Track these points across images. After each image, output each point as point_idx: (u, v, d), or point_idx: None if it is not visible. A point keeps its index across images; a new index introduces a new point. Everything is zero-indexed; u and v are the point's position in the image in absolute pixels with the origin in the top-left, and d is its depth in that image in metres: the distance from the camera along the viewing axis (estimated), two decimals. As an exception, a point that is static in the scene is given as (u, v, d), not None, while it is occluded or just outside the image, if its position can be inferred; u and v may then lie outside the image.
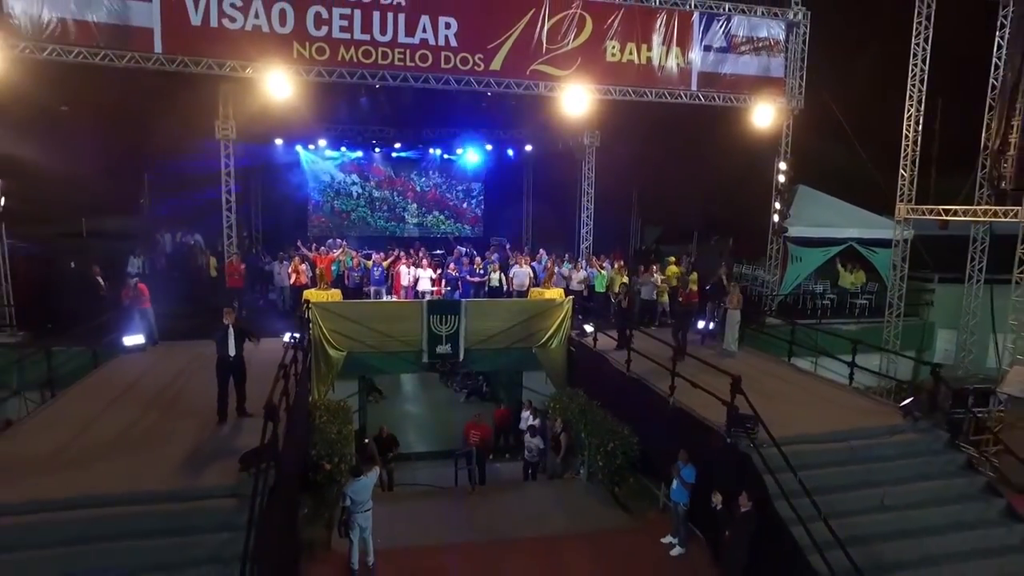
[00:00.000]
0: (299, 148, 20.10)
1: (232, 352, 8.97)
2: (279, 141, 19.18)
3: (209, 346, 12.96)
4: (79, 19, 12.57)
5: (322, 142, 19.84)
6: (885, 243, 17.77)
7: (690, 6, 15.71)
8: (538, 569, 9.23)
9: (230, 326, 8.94)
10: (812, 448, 9.03)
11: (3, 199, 13.01)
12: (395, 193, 22.62)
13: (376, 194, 22.48)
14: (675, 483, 9.51)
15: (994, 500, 8.80)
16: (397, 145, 20.89)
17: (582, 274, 16.97)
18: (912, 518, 8.36)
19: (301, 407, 10.92)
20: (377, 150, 21.21)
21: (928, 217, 15.37)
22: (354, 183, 22.02)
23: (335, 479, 10.20)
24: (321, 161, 21.00)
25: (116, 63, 12.96)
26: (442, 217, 23.23)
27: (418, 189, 22.87)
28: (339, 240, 18.75)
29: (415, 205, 22.76)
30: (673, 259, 17.49)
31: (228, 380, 9.05)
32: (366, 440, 11.53)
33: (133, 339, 12.92)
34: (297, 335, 12.55)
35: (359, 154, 21.24)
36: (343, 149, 20.60)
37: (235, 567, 6.29)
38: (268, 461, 7.17)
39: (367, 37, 13.91)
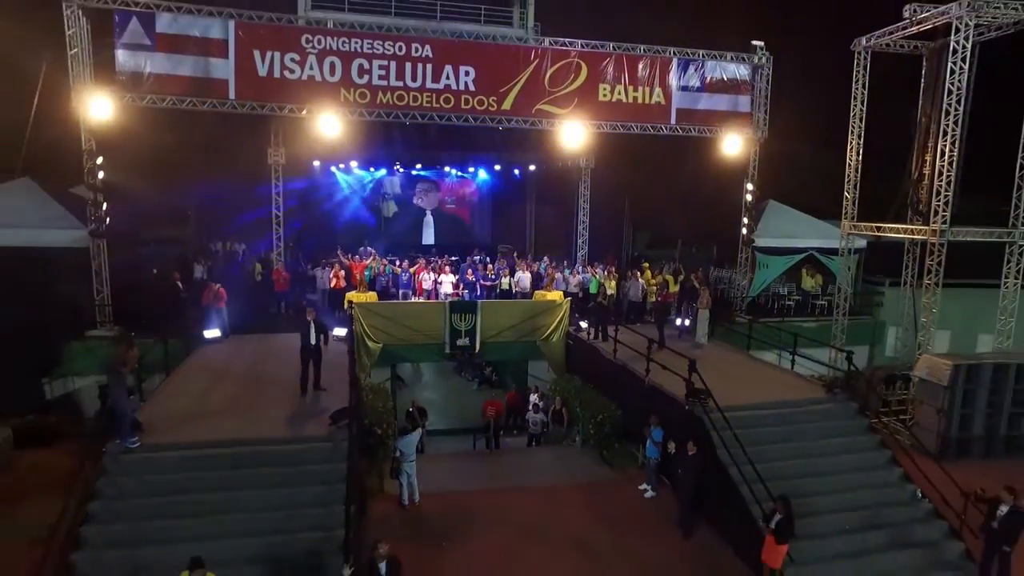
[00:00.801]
0: (334, 169, 23.06)
1: (312, 341, 11.89)
2: (317, 163, 22.11)
3: (267, 338, 16.08)
4: (171, 74, 15.52)
5: (354, 164, 22.78)
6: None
7: (669, 53, 18.64)
8: (541, 507, 12.09)
9: (312, 321, 11.86)
10: (750, 413, 11.92)
11: (108, 219, 15.91)
12: (414, 206, 25.59)
13: (397, 208, 25.47)
14: (648, 442, 12.43)
15: (884, 451, 11.74)
16: (418, 166, 23.85)
17: (578, 278, 19.87)
18: (819, 463, 11.30)
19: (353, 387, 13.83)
20: (400, 170, 24.17)
21: (864, 233, 18.25)
22: (380, 198, 25.03)
23: (384, 441, 13.11)
24: (352, 180, 23.97)
25: (198, 107, 15.91)
26: (455, 227, 26.21)
27: (435, 203, 25.86)
28: (369, 249, 21.65)
29: (432, 217, 25.74)
30: (647, 264, 20.45)
31: (309, 362, 11.99)
32: (409, 409, 14.39)
33: (212, 333, 15.88)
34: (344, 330, 15.56)
35: (383, 172, 24.18)
36: (371, 169, 23.52)
37: (338, 486, 9.30)
38: (352, 416, 10.11)
39: (401, 83, 16.85)
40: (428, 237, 25.71)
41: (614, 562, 10.30)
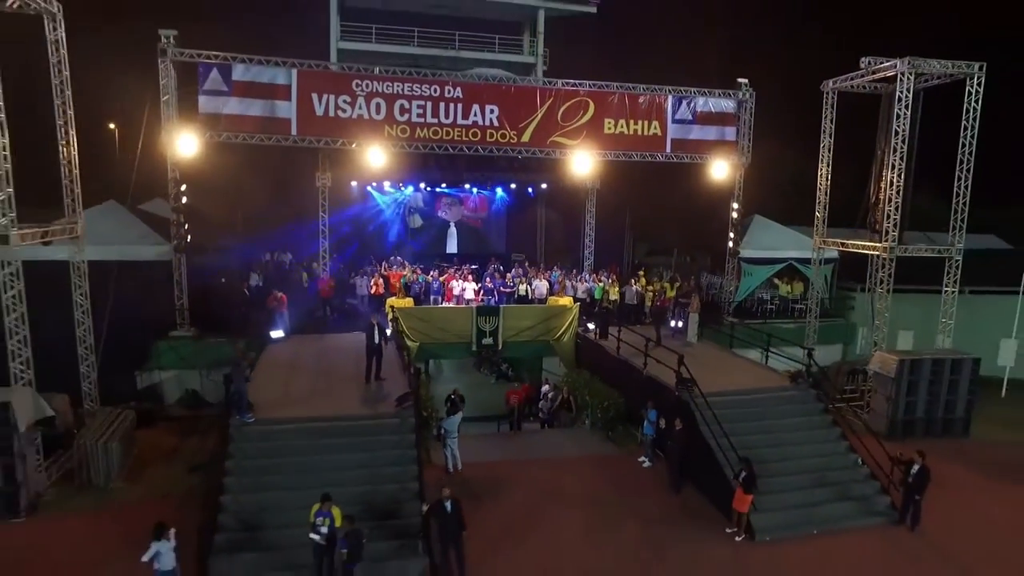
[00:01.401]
0: (370, 188, 26.00)
1: (376, 340, 14.78)
2: (355, 184, 24.99)
3: (322, 338, 18.96)
4: (244, 115, 18.42)
5: (386, 183, 25.67)
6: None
7: (665, 91, 21.50)
8: (560, 475, 14.92)
9: (376, 324, 14.75)
10: (727, 398, 14.77)
11: (189, 237, 18.81)
12: (439, 219, 28.58)
13: (423, 221, 28.42)
14: (645, 422, 15.32)
15: (834, 429, 14.65)
16: (443, 185, 26.76)
17: (586, 286, 22.73)
18: (781, 437, 14.19)
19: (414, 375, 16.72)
20: (427, 188, 27.10)
21: (832, 248, 21.14)
22: (407, 211, 28.02)
23: (429, 422, 15.98)
24: (387, 198, 26.98)
25: (264, 143, 18.80)
26: (475, 237, 29.16)
27: (458, 216, 28.86)
28: (399, 258, 24.52)
29: (455, 228, 28.68)
30: (643, 272, 23.37)
31: (372, 357, 14.88)
32: (452, 396, 17.20)
33: (276, 333, 18.77)
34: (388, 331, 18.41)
35: (410, 190, 27.10)
36: (401, 186, 26.41)
37: (407, 451, 12.24)
38: (416, 398, 13.01)
39: (436, 120, 19.73)
40: (451, 247, 28.63)
41: (618, 514, 13.17)
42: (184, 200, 18.62)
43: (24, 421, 12.15)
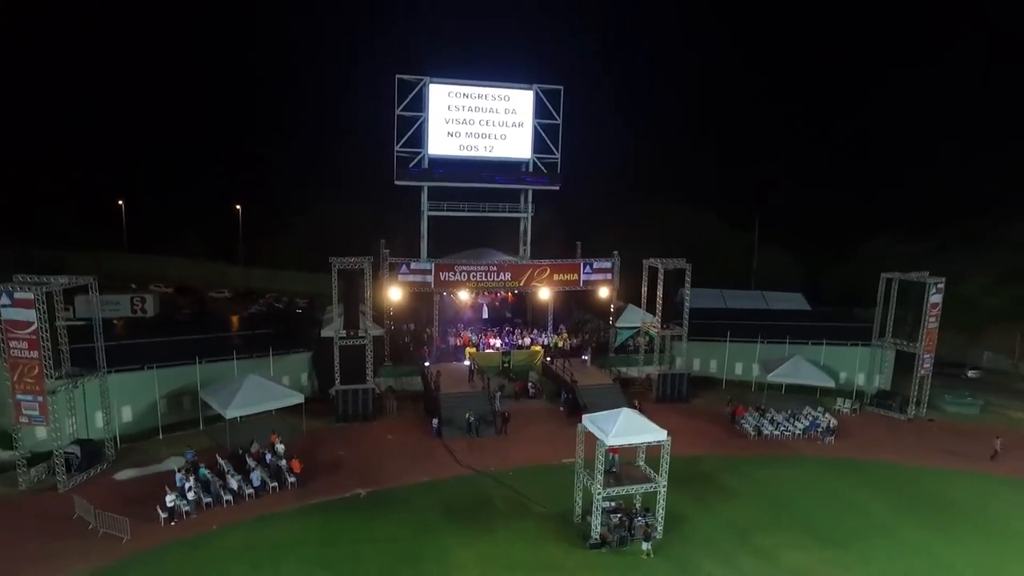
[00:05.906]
0: (450, 295, 56.03)
1: (473, 368, 44.64)
2: (445, 293, 54.89)
3: (441, 365, 49.39)
4: (413, 281, 48.41)
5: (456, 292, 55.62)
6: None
7: (581, 261, 51.69)
8: (534, 411, 44.68)
9: (473, 360, 44.61)
10: (590, 385, 44.80)
11: (392, 326, 48.73)
12: (478, 303, 58.55)
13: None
14: (562, 395, 45.45)
15: (624, 396, 44.72)
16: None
17: (546, 339, 52.76)
18: (604, 398, 44.14)
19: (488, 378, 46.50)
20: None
21: (650, 326, 51.19)
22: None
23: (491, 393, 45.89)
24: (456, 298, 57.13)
25: (421, 291, 48.85)
26: (496, 311, 59.12)
27: (487, 301, 58.95)
28: (461, 325, 54.56)
29: (485, 307, 58.60)
30: (567, 332, 53.71)
31: (471, 372, 44.81)
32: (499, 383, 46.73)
33: (427, 363, 48.57)
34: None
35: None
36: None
37: (488, 401, 42.40)
38: (490, 385, 43.08)
39: (485, 279, 49.76)
40: (484, 315, 58.54)
41: (552, 420, 43.31)
42: (392, 313, 48.63)
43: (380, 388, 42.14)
